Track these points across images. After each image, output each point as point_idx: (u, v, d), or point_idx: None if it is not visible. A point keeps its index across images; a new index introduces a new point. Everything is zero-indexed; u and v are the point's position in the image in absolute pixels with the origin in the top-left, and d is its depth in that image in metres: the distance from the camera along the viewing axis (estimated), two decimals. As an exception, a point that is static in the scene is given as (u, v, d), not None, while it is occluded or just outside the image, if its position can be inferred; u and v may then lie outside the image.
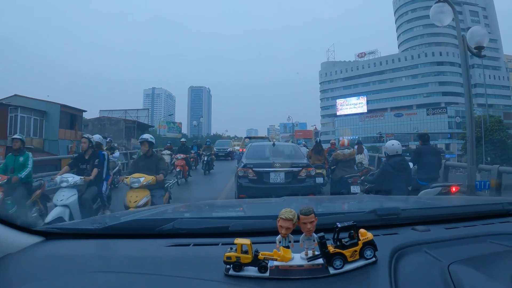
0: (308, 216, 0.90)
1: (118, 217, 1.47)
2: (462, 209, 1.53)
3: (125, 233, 1.26)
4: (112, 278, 0.92)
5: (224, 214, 1.79)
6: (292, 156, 8.18)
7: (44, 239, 1.22)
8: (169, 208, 1.83)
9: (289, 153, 8.56)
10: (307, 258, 0.92)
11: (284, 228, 0.90)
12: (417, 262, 0.96)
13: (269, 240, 1.02)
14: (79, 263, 1.02)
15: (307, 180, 7.26)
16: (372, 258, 0.93)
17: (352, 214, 1.43)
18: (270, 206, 1.94)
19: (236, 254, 0.89)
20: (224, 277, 0.89)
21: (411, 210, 1.44)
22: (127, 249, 1.15)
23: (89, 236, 1.25)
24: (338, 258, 0.90)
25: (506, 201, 1.46)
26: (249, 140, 20.89)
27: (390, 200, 2.25)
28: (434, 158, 6.30)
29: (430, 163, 6.09)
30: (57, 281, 0.91)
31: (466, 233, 1.21)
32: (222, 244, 1.08)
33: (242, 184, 7.16)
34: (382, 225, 1.24)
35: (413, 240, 1.08)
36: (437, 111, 74.50)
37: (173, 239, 1.16)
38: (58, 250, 1.15)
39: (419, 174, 6.03)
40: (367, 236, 0.94)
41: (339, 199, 3.08)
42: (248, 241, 0.91)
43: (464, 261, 0.93)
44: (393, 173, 5.26)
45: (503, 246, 1.06)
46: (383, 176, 5.41)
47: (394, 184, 5.14)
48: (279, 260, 0.90)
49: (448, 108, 73.61)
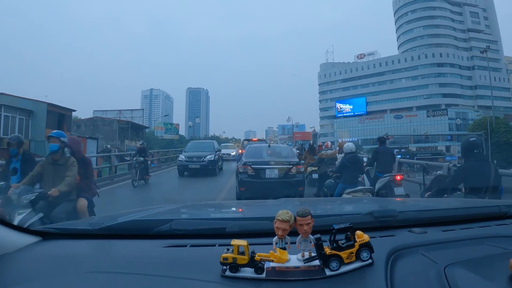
0: (304, 217, 0.91)
1: (115, 217, 1.44)
2: (459, 212, 1.54)
3: (123, 233, 1.27)
4: (108, 279, 0.92)
5: (221, 215, 1.81)
6: (285, 156, 9.29)
7: (41, 239, 1.22)
8: (167, 208, 1.78)
9: (283, 153, 9.66)
10: (304, 259, 0.92)
11: (280, 229, 0.90)
12: (414, 264, 0.97)
13: (266, 241, 1.03)
14: (76, 264, 1.02)
15: (297, 176, 8.41)
16: (369, 260, 0.93)
17: (349, 216, 1.43)
18: (267, 207, 1.97)
19: (232, 255, 0.90)
20: (221, 278, 0.89)
21: (408, 213, 1.45)
22: (124, 250, 1.15)
23: (86, 237, 1.26)
24: (335, 259, 0.91)
25: (503, 204, 1.47)
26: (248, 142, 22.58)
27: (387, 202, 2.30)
28: (388, 156, 8.24)
29: (385, 160, 7.93)
30: (53, 281, 0.92)
31: (463, 235, 1.23)
32: (219, 245, 1.09)
33: (243, 179, 8.24)
34: (379, 227, 1.26)
35: (409, 242, 1.09)
36: (437, 113, 74.28)
37: (170, 240, 1.17)
38: (55, 250, 1.16)
39: (377, 168, 7.86)
40: (363, 238, 0.95)
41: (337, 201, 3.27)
42: (245, 242, 0.91)
43: (460, 263, 0.94)
44: (348, 165, 6.93)
45: (499, 248, 1.06)
46: (341, 167, 7.15)
47: (349, 173, 6.91)
48: (276, 261, 0.91)
49: (449, 110, 73.41)
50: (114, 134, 39.35)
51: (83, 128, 40.10)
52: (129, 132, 40.68)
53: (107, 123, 40.60)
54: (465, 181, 4.24)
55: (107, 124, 40.29)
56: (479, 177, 4.13)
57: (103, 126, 40.17)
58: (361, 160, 7.87)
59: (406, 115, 78.52)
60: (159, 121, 66.58)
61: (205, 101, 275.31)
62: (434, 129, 70.66)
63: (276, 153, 9.51)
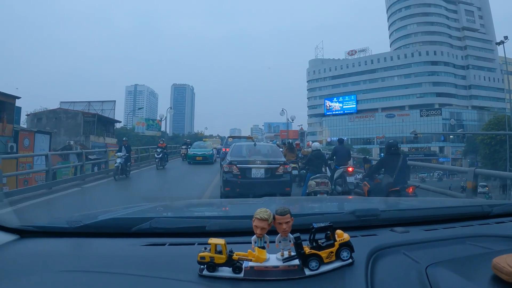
0: (283, 216, 0.90)
1: (95, 215, 1.44)
2: (441, 211, 1.56)
3: (102, 232, 1.26)
4: (84, 278, 0.91)
5: (202, 214, 1.81)
6: (271, 155, 9.11)
7: (18, 237, 1.21)
8: (147, 207, 1.80)
9: (269, 152, 9.44)
10: (283, 259, 0.92)
11: (259, 228, 0.90)
12: (395, 263, 0.97)
13: (246, 240, 1.03)
14: (53, 262, 1.02)
15: (284, 176, 8.25)
16: (349, 259, 0.94)
17: (330, 215, 1.44)
18: (248, 206, 1.97)
19: (210, 254, 0.89)
20: (198, 277, 0.88)
21: (390, 212, 1.47)
22: (102, 248, 1.15)
23: (65, 235, 1.25)
24: (314, 259, 0.90)
25: (486, 204, 1.51)
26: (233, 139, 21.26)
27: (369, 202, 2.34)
28: (345, 153, 10.08)
29: (342, 156, 9.86)
30: (29, 279, 0.91)
31: (445, 235, 1.23)
32: (198, 244, 1.10)
33: (228, 179, 8.01)
34: (361, 226, 1.27)
35: (391, 242, 1.10)
36: (431, 112, 72.90)
37: (150, 238, 1.17)
38: (33, 249, 1.15)
39: (336, 162, 9.81)
40: (343, 237, 0.95)
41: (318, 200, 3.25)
42: (223, 241, 0.91)
43: (442, 263, 0.95)
44: (313, 159, 8.71)
45: (482, 248, 1.08)
46: (308, 161, 8.92)
47: (314, 165, 8.58)
48: (254, 260, 0.90)
49: (443, 109, 72.27)
50: (78, 128, 34.58)
51: (44, 121, 35.25)
52: (95, 127, 34.81)
53: (71, 115, 36.38)
54: (384, 167, 6.78)
55: (70, 117, 36.27)
56: (392, 165, 6.52)
57: (67, 119, 35.88)
58: (323, 155, 9.75)
59: (398, 114, 76.94)
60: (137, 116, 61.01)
61: (190, 97, 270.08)
62: (427, 129, 69.13)
63: (262, 152, 9.38)
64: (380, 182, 6.63)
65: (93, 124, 36.33)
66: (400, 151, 7.17)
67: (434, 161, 55.34)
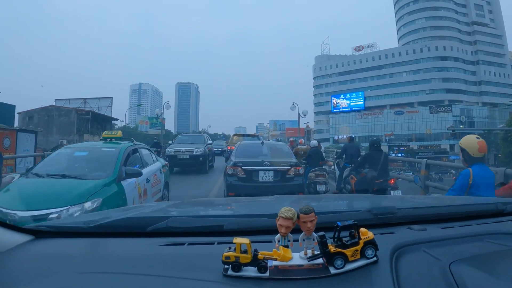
0: (308, 214, 0.90)
1: (110, 215, 1.40)
2: (456, 209, 1.54)
3: (117, 231, 1.23)
4: (103, 279, 0.89)
5: (218, 213, 1.78)
6: (281, 155, 8.27)
7: (33, 238, 1.19)
8: (162, 206, 1.78)
9: (278, 151, 8.64)
10: (307, 257, 0.91)
11: (284, 227, 0.89)
12: (417, 261, 0.97)
13: (265, 239, 1.04)
14: (69, 263, 0.99)
15: (296, 179, 7.46)
16: (374, 257, 0.93)
17: (348, 213, 1.41)
18: (263, 204, 1.94)
19: (235, 253, 0.87)
20: (223, 277, 0.87)
21: (406, 210, 1.44)
22: (119, 248, 1.12)
23: (80, 235, 1.23)
24: (339, 257, 0.89)
25: (500, 201, 1.49)
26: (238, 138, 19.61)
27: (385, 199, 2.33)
28: (354, 151, 9.85)
29: (351, 154, 9.63)
30: (46, 281, 0.89)
31: (462, 232, 1.23)
32: (217, 243, 1.09)
33: (232, 183, 7.32)
34: (378, 224, 1.26)
35: (411, 240, 1.10)
36: (441, 109, 70.34)
37: (167, 238, 1.15)
38: (48, 249, 1.12)
39: (345, 160, 9.64)
40: (368, 235, 0.95)
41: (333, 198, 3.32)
42: (247, 240, 0.90)
43: (464, 260, 0.95)
44: (312, 155, 9.75)
45: (500, 245, 1.07)
46: (308, 156, 9.90)
47: (313, 160, 9.51)
48: (279, 259, 0.89)
49: (453, 106, 70.04)
50: (71, 127, 32.38)
51: (36, 119, 32.68)
52: (89, 125, 32.13)
53: (64, 113, 34.11)
54: (368, 162, 7.13)
55: (63, 115, 34.23)
56: (376, 160, 6.92)
57: (59, 117, 33.53)
58: (320, 152, 10.64)
59: (408, 111, 75.28)
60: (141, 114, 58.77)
61: (195, 96, 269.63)
62: (437, 126, 68.10)
63: (270, 151, 8.34)
64: (366, 175, 7.01)
65: (86, 121, 33.93)
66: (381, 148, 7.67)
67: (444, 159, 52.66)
